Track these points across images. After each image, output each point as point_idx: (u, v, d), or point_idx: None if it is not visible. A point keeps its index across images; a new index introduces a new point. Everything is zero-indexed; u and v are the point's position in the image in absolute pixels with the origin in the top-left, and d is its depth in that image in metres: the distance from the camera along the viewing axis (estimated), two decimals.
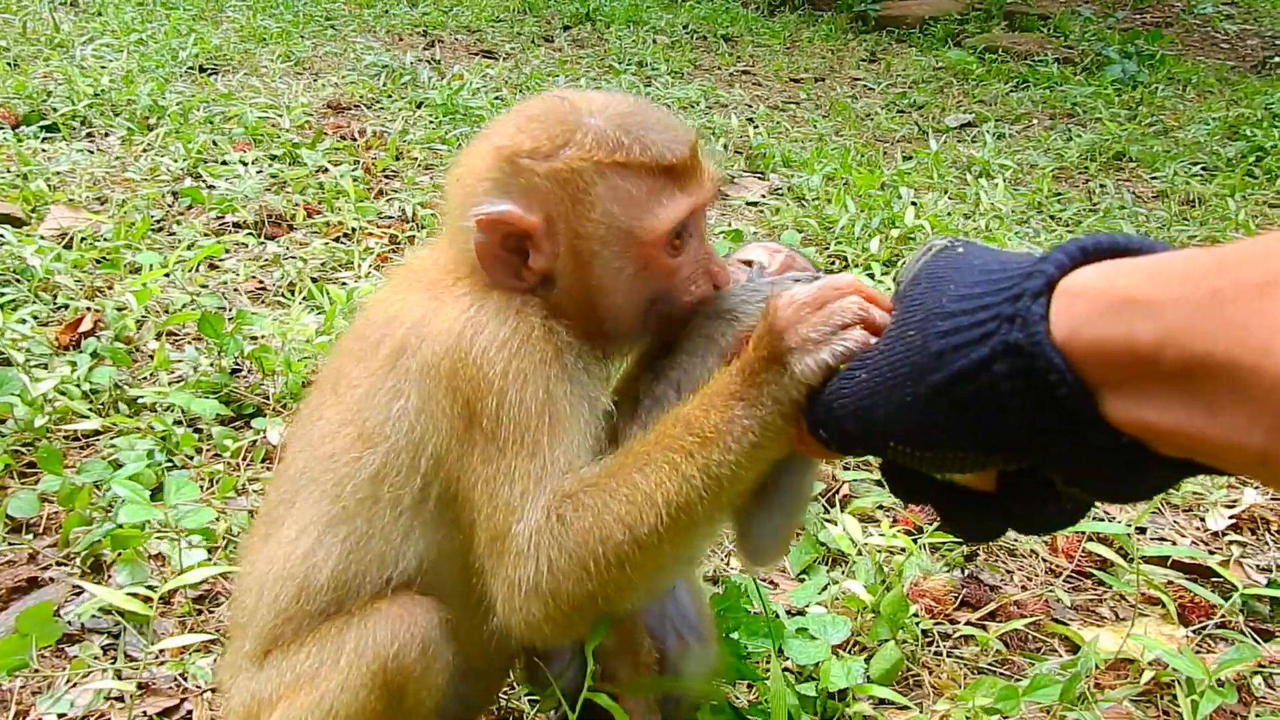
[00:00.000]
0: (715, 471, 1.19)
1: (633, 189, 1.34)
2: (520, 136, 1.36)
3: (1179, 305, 0.76)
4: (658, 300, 1.40)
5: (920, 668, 2.15)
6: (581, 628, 1.34)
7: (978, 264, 0.98)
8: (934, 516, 2.57)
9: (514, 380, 1.31)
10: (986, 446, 0.93)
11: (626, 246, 1.35)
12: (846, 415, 1.05)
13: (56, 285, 3.25)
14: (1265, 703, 2.18)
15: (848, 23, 11.14)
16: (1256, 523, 2.83)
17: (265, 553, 1.48)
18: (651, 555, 1.24)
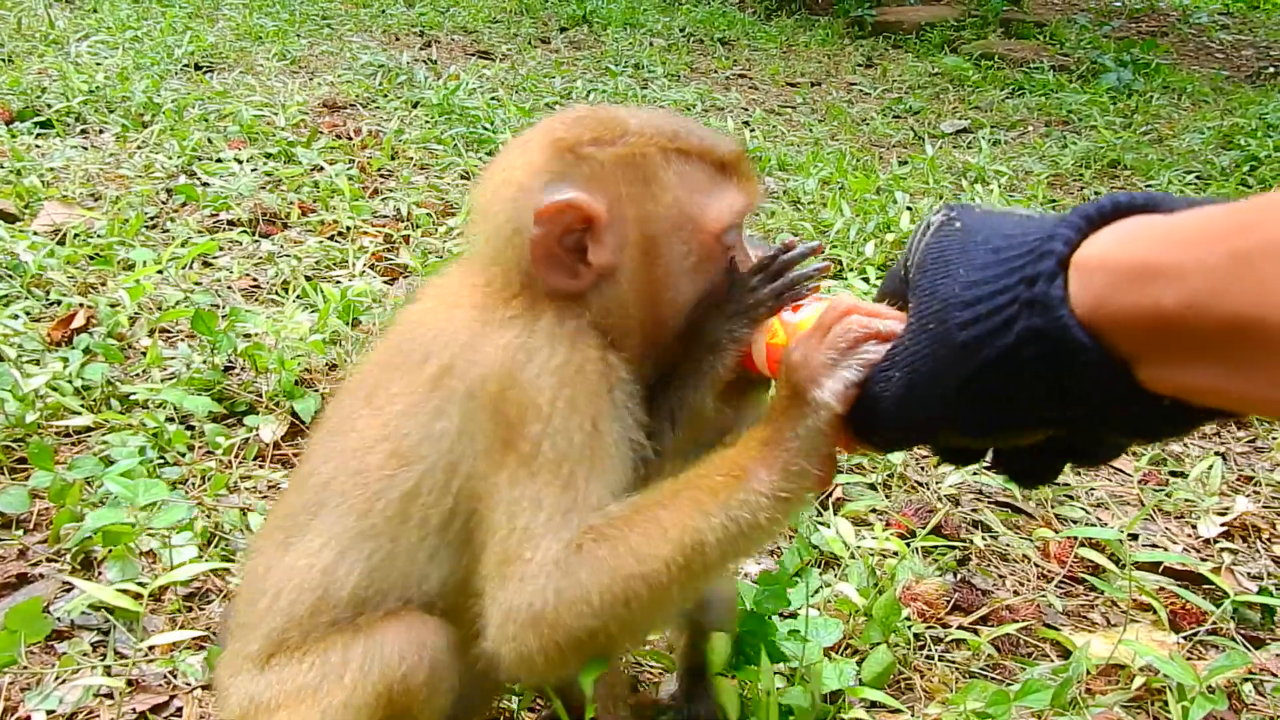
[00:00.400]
0: (736, 514, 1.17)
1: (700, 175, 1.34)
2: (577, 129, 1.34)
3: (1201, 269, 0.75)
4: (703, 297, 1.37)
5: (912, 671, 2.15)
6: (572, 666, 1.29)
7: (982, 241, 0.97)
8: (927, 519, 2.57)
9: (562, 408, 1.28)
10: (1031, 423, 0.94)
11: (694, 234, 1.34)
12: (890, 418, 1.06)
13: (49, 281, 3.24)
14: (1256, 710, 2.19)
15: (844, 28, 11.16)
16: (1248, 530, 2.84)
17: (285, 560, 1.44)
18: (657, 593, 1.21)
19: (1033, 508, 2.86)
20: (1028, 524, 2.78)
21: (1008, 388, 0.91)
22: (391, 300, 3.46)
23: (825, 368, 1.11)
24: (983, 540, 2.65)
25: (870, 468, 2.91)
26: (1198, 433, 3.38)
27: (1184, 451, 3.26)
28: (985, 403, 0.94)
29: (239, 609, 1.55)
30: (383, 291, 3.53)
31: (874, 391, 1.07)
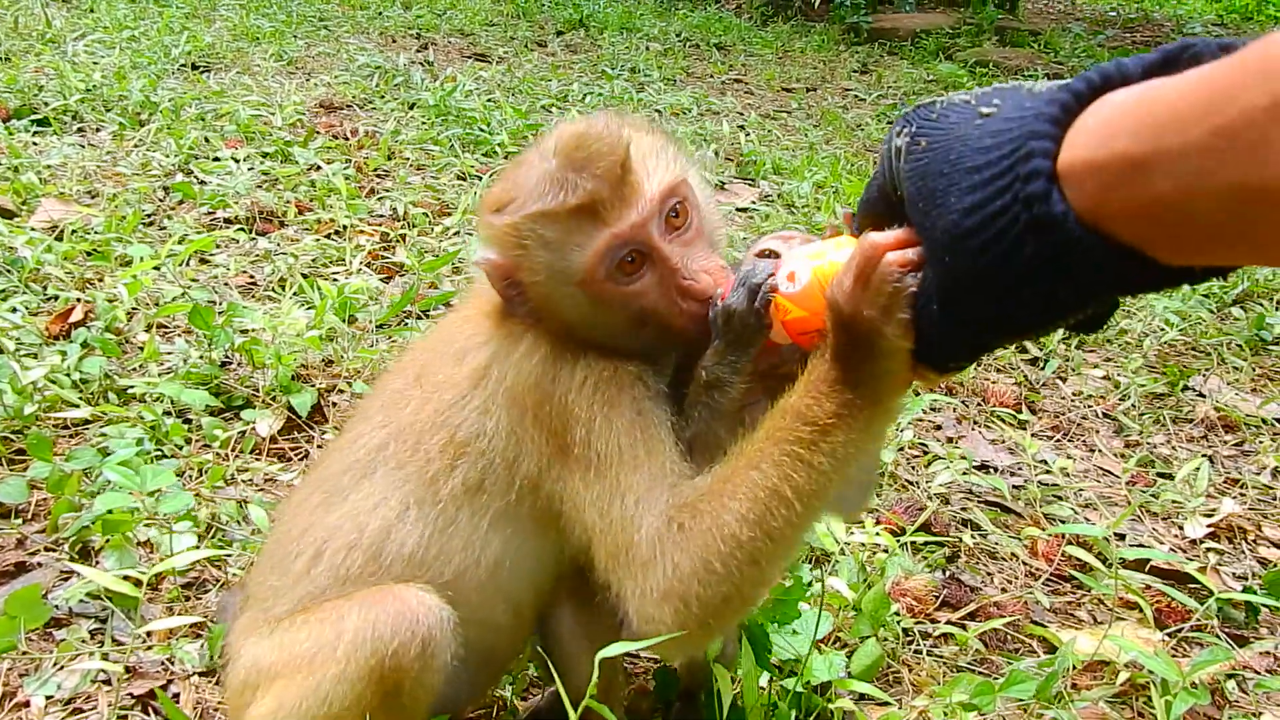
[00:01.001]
0: (842, 454, 1.24)
1: (554, 234, 1.39)
2: (494, 190, 1.48)
3: (1187, 152, 0.76)
4: (644, 323, 1.44)
5: (901, 665, 2.18)
6: (717, 631, 1.38)
7: (956, 159, 0.98)
8: (917, 516, 2.60)
9: (600, 409, 1.40)
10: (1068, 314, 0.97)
11: (569, 286, 1.41)
12: (943, 343, 1.11)
13: (47, 276, 3.25)
14: (1238, 706, 2.22)
15: (840, 34, 11.21)
16: (1234, 531, 2.88)
17: (328, 519, 1.52)
18: (785, 546, 1.29)
19: (1022, 507, 2.89)
20: (1016, 523, 2.81)
21: (1038, 296, 0.94)
22: (388, 298, 3.48)
23: (880, 316, 1.13)
24: (972, 538, 2.68)
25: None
26: (1186, 436, 3.42)
27: (1172, 454, 3.30)
28: (1021, 312, 0.98)
29: (263, 574, 1.59)
30: (379, 289, 3.55)
31: (921, 324, 1.11)
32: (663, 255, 1.41)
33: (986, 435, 3.28)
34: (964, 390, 3.52)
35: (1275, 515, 2.99)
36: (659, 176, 1.42)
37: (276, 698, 1.41)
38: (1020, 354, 3.88)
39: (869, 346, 1.17)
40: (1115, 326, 4.16)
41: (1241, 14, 14.61)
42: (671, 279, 1.42)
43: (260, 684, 1.45)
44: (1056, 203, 0.87)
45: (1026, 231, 0.90)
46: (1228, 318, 4.40)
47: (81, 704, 1.82)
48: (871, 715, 1.96)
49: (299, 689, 1.38)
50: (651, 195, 1.40)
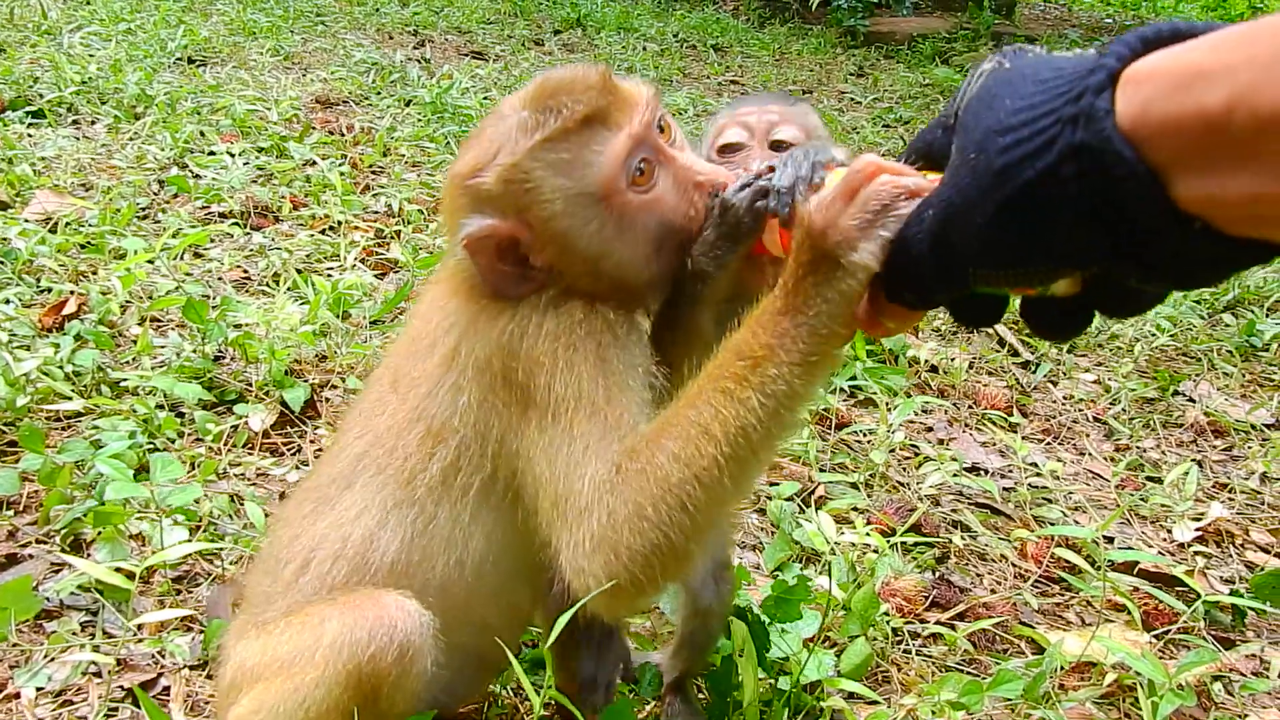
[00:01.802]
0: (771, 389, 1.17)
1: (565, 154, 1.34)
2: (464, 160, 1.41)
3: (1247, 66, 0.75)
4: (663, 238, 1.39)
5: (890, 664, 2.19)
6: (650, 588, 1.29)
7: (1030, 74, 0.94)
8: (907, 518, 2.61)
9: (564, 354, 1.34)
10: (1063, 258, 0.92)
11: (590, 207, 1.35)
12: (924, 256, 1.03)
13: (40, 268, 3.25)
14: (1224, 708, 2.23)
15: (837, 37, 11.23)
16: (1222, 535, 2.89)
17: (315, 528, 1.51)
18: (713, 490, 1.22)
19: (1011, 509, 2.90)
20: (1006, 525, 2.83)
21: (1044, 211, 0.89)
22: (382, 294, 3.49)
23: (858, 230, 1.08)
24: (961, 539, 2.69)
25: (853, 467, 2.95)
26: (1175, 441, 3.44)
27: (1161, 458, 3.31)
28: (1021, 228, 0.92)
29: (257, 579, 1.59)
30: (373, 285, 3.56)
31: (907, 236, 1.05)
32: (670, 156, 1.40)
33: (977, 438, 3.30)
34: (955, 393, 3.54)
35: (1263, 520, 3.01)
36: (639, 87, 1.41)
37: (257, 699, 1.41)
38: (1012, 358, 3.89)
39: (829, 266, 1.11)
40: (1106, 331, 4.19)
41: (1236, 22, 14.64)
42: (685, 177, 1.40)
43: (244, 685, 1.46)
44: (1104, 99, 0.84)
45: (1064, 124, 0.86)
46: (1219, 324, 4.42)
47: (72, 696, 1.82)
48: (860, 714, 1.97)
49: (278, 692, 1.39)
50: (646, 98, 1.40)
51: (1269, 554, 2.84)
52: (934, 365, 3.65)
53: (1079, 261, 0.92)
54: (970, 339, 4.00)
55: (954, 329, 4.02)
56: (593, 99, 1.35)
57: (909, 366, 3.58)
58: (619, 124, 1.36)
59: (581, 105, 1.34)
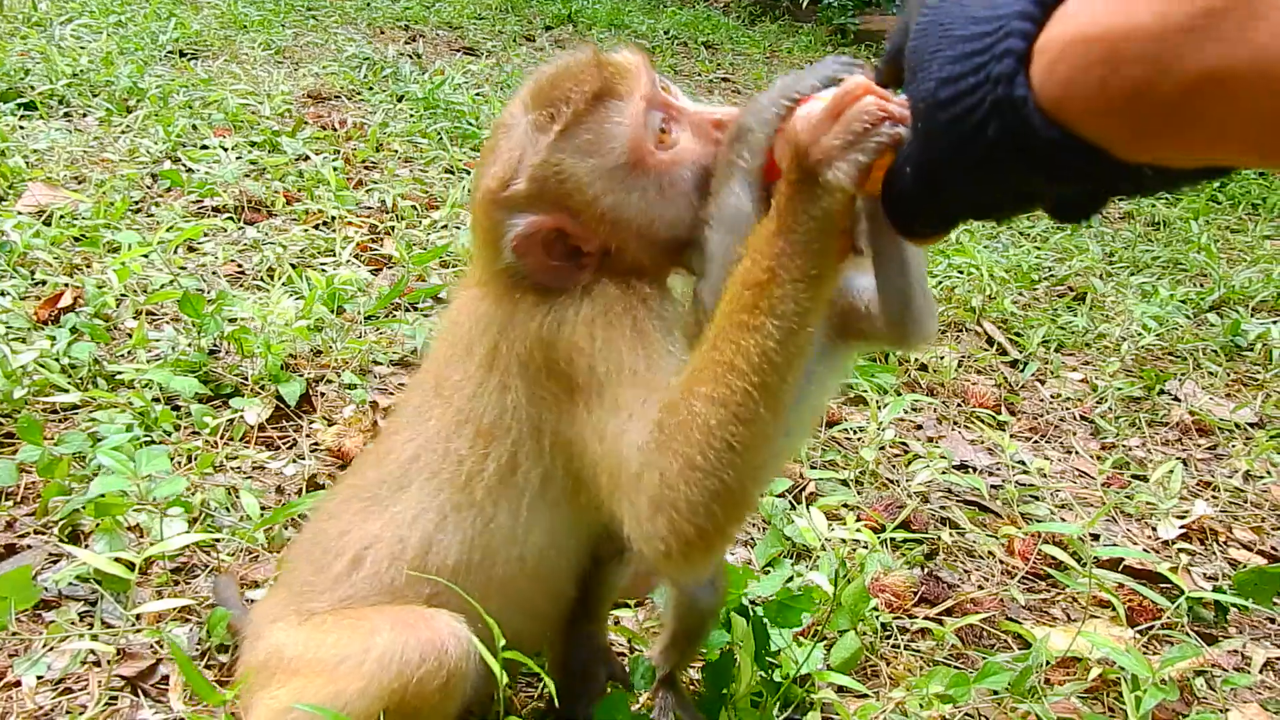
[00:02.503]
0: (781, 310, 1.17)
1: (587, 136, 1.36)
2: (490, 175, 1.41)
3: (1169, 33, 0.73)
4: (701, 182, 1.39)
5: (879, 659, 2.22)
6: (718, 539, 1.28)
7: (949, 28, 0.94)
8: (897, 514, 2.64)
9: (601, 333, 1.35)
10: (1031, 203, 0.97)
11: (628, 179, 1.37)
12: (919, 211, 1.05)
13: (35, 261, 3.26)
14: (1206, 703, 2.27)
15: (827, 35, 11.27)
16: (1206, 533, 2.93)
17: (367, 527, 1.53)
18: (753, 423, 1.21)
19: (999, 506, 2.94)
20: (994, 522, 2.86)
21: (1002, 175, 0.92)
22: (377, 289, 3.50)
23: (838, 150, 1.09)
24: (950, 536, 2.73)
25: (843, 464, 2.99)
26: (1161, 439, 3.48)
27: (1147, 457, 3.35)
28: (988, 191, 0.95)
29: (298, 564, 1.61)
30: (368, 280, 3.57)
31: (898, 186, 1.06)
32: (680, 108, 1.43)
33: (966, 436, 3.33)
34: (944, 391, 3.57)
35: (1246, 517, 3.05)
36: (631, 55, 1.43)
37: (295, 694, 1.41)
38: (1000, 356, 3.93)
39: (811, 183, 1.12)
40: (1094, 331, 4.23)
41: None
42: (700, 121, 1.42)
43: (279, 672, 1.46)
44: (1019, 85, 0.85)
45: (991, 112, 0.87)
46: (1204, 323, 4.47)
47: (71, 684, 1.84)
48: (850, 707, 2.00)
49: (318, 693, 1.39)
50: (642, 62, 1.42)
51: (1251, 551, 2.89)
52: (924, 364, 3.69)
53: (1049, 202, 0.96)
54: (959, 337, 4.04)
55: (943, 328, 4.06)
56: (594, 76, 1.37)
57: (899, 365, 3.62)
58: (627, 92, 1.38)
59: (586, 85, 1.36)
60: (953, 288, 4.33)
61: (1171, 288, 4.76)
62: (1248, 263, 5.32)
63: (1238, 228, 6.01)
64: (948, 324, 4.10)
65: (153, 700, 1.84)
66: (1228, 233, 5.92)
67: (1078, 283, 4.76)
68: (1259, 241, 5.74)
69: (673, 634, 1.99)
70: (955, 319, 4.14)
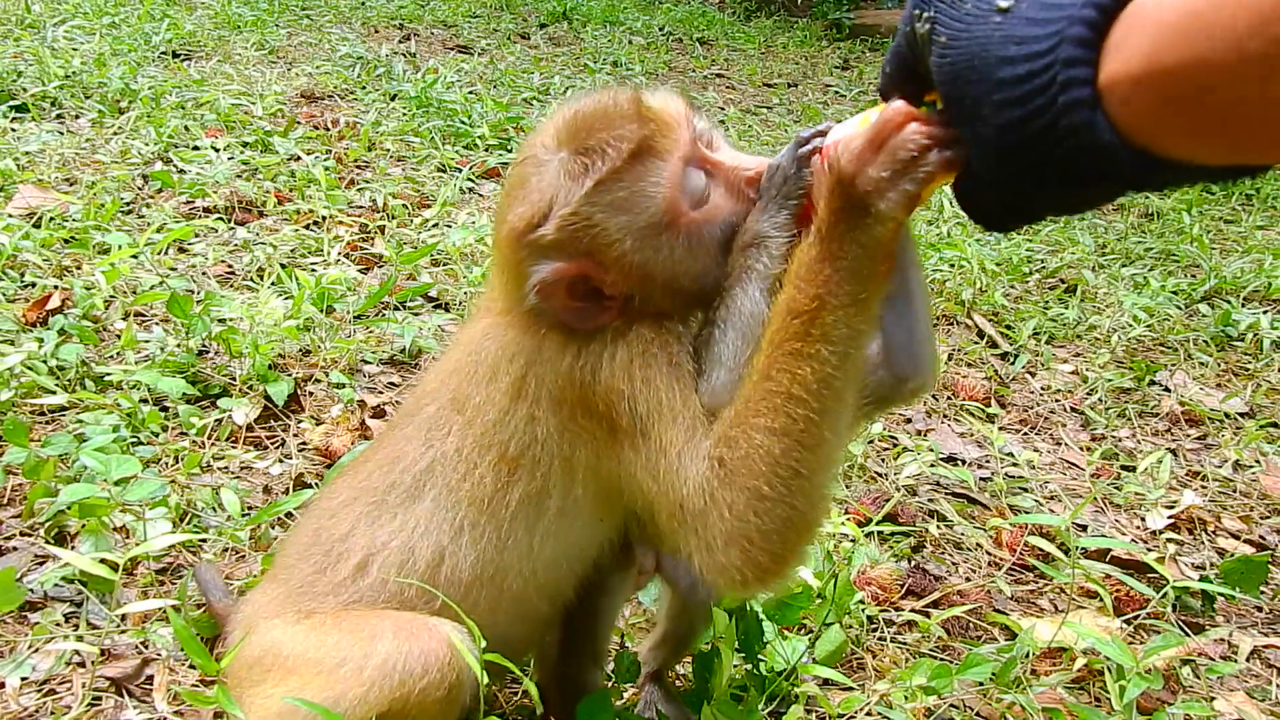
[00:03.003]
0: (835, 335, 1.19)
1: (621, 193, 1.34)
2: (517, 213, 1.39)
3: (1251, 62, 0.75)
4: (729, 240, 1.40)
5: (864, 651, 2.23)
6: (792, 559, 1.31)
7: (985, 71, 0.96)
8: (882, 506, 2.65)
9: (639, 375, 1.36)
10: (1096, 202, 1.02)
11: (657, 236, 1.36)
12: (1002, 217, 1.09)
13: (24, 263, 3.26)
14: (1192, 692, 2.28)
15: (822, 30, 11.26)
16: (1194, 523, 2.94)
17: (374, 533, 1.52)
18: (818, 448, 1.24)
19: (987, 499, 2.94)
20: (982, 514, 2.87)
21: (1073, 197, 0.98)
22: (366, 289, 3.51)
23: (887, 181, 1.11)
24: (937, 528, 2.73)
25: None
26: (1150, 430, 3.49)
27: (1136, 447, 3.36)
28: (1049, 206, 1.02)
29: (297, 560, 1.60)
30: (357, 280, 3.58)
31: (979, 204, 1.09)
32: (716, 163, 1.42)
33: (955, 428, 3.34)
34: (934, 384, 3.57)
35: (1234, 507, 3.06)
36: (670, 102, 1.42)
37: (291, 693, 1.40)
38: (991, 349, 3.93)
39: (859, 213, 1.14)
40: (1085, 322, 4.23)
41: None
42: (734, 178, 1.41)
43: (274, 669, 1.46)
44: (1104, 130, 0.87)
45: (1070, 155, 0.90)
46: (1195, 314, 4.47)
47: (55, 685, 1.84)
48: (834, 699, 2.00)
49: (315, 695, 1.38)
50: (684, 114, 1.41)
51: (1240, 540, 2.89)
52: None
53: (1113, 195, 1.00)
54: (950, 330, 4.04)
55: (934, 321, 4.05)
56: (634, 131, 1.35)
57: None
58: (667, 150, 1.36)
59: (625, 141, 1.34)
60: (944, 281, 4.34)
61: (1163, 279, 4.76)
62: (1240, 253, 5.32)
63: (1231, 218, 6.01)
64: (939, 317, 4.10)
65: (137, 700, 1.84)
66: (1221, 223, 5.92)
67: (1069, 275, 4.77)
68: (1251, 232, 5.74)
69: (664, 633, 2.00)
70: (946, 312, 4.14)
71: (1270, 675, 2.37)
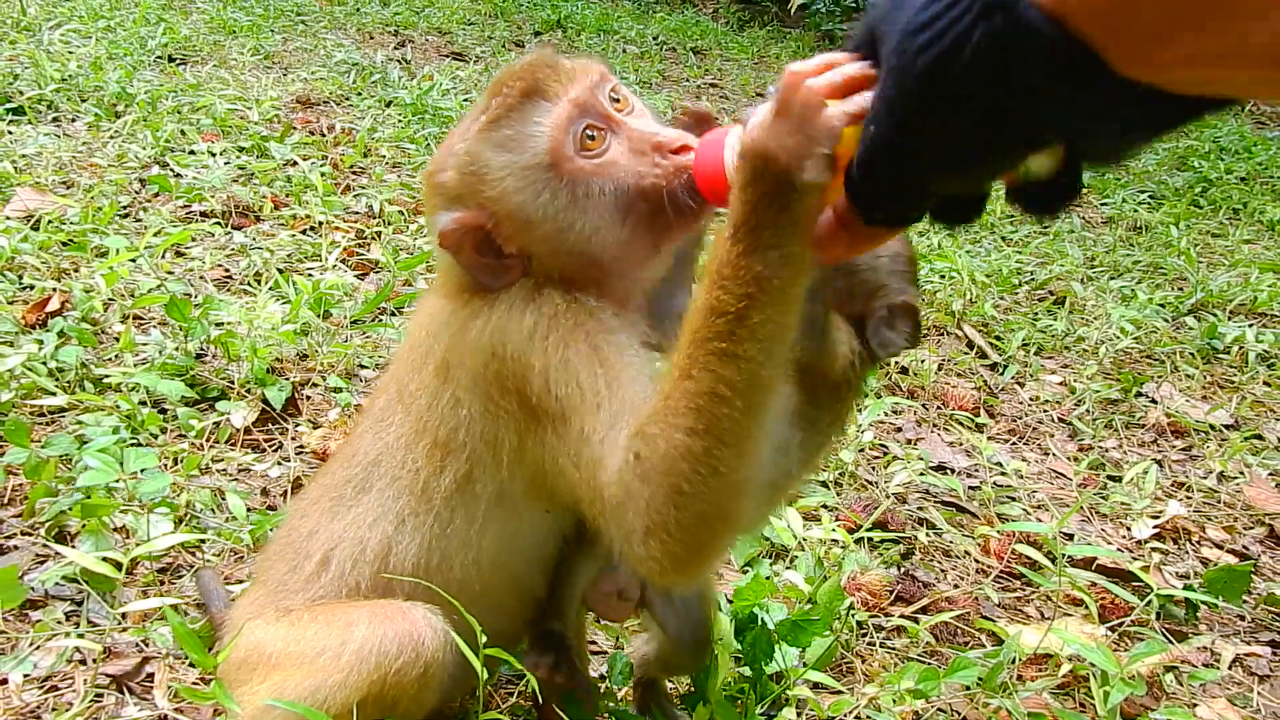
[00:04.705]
0: (762, 333, 1.14)
1: (509, 130, 1.37)
2: (434, 160, 1.46)
3: None
4: (627, 203, 1.37)
5: (854, 656, 2.26)
6: (713, 550, 1.30)
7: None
8: (872, 514, 2.69)
9: (554, 353, 1.35)
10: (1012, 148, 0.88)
11: (539, 179, 1.36)
12: (885, 180, 0.97)
13: (23, 265, 3.28)
14: (1175, 698, 2.32)
15: (815, 41, 11.32)
16: (1179, 533, 2.98)
17: (333, 527, 1.56)
18: (741, 445, 1.20)
19: (976, 507, 2.98)
20: (970, 522, 2.91)
21: (978, 107, 0.84)
22: (363, 294, 3.54)
23: (801, 146, 1.03)
24: (926, 536, 2.77)
25: (822, 466, 3.02)
26: (1137, 441, 3.53)
27: (1123, 458, 3.40)
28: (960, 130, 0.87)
29: (273, 561, 1.64)
30: (354, 285, 3.60)
31: (862, 158, 0.98)
32: (620, 121, 1.41)
33: (944, 438, 3.38)
34: (924, 394, 3.62)
35: (1219, 517, 3.10)
36: (585, 62, 1.45)
37: (275, 688, 1.44)
38: (980, 360, 3.98)
39: (784, 189, 1.06)
40: (1073, 334, 4.28)
41: None
42: (640, 139, 1.39)
43: (259, 668, 1.49)
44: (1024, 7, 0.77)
45: (978, 16, 0.80)
46: (1182, 326, 4.53)
47: (58, 682, 1.87)
48: (824, 703, 2.03)
49: (297, 686, 1.42)
50: (590, 69, 1.43)
51: (1223, 550, 2.94)
52: (904, 367, 3.73)
53: (1030, 146, 0.89)
54: (940, 340, 4.08)
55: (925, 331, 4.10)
56: (530, 75, 1.39)
57: (879, 368, 3.66)
58: (559, 95, 1.39)
59: (520, 82, 1.39)
60: (934, 292, 4.38)
61: (1150, 292, 4.81)
62: (1226, 267, 5.38)
63: (1218, 232, 6.07)
64: (929, 328, 4.14)
65: (138, 698, 1.87)
66: (1208, 237, 5.98)
67: (1058, 287, 4.82)
68: (1238, 246, 5.80)
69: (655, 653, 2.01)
70: (936, 322, 4.19)
71: (1252, 683, 2.41)
